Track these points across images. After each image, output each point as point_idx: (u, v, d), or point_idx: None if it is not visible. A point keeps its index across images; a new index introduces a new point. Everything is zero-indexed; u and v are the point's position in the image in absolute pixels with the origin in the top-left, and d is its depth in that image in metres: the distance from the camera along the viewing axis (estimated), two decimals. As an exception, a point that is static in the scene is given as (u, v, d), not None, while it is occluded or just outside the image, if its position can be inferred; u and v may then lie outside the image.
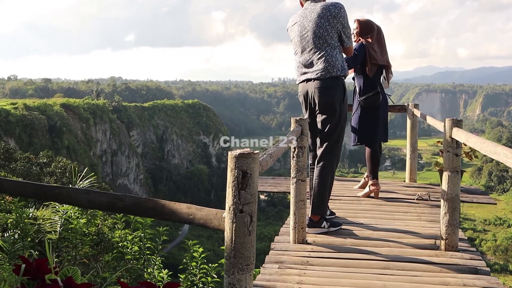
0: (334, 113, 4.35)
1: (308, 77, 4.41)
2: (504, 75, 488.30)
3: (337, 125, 4.37)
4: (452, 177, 3.75)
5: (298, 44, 4.48)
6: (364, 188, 5.89)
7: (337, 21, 4.31)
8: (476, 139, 2.95)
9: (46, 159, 24.91)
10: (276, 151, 2.70)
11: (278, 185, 6.27)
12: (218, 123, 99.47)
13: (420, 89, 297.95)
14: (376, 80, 5.55)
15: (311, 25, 4.34)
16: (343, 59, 4.44)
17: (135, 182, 72.02)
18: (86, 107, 65.34)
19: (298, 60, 4.52)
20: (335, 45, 4.35)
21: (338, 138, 4.43)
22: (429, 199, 5.48)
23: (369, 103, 5.52)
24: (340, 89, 4.37)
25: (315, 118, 4.48)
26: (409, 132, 6.87)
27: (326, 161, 4.37)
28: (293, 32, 4.55)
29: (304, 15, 4.44)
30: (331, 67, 4.30)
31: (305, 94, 4.49)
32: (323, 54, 4.31)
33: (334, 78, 4.32)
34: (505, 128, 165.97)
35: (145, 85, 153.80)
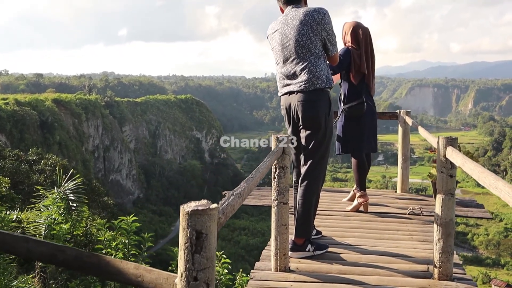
0: (319, 129, 4.03)
1: (290, 90, 4.08)
2: (496, 70, 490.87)
3: (322, 141, 4.06)
4: (446, 200, 3.46)
5: (279, 53, 4.13)
6: (353, 200, 5.65)
7: (321, 28, 3.97)
8: (473, 165, 2.66)
9: (35, 157, 24.58)
10: (252, 183, 2.42)
11: (263, 198, 5.89)
12: (211, 119, 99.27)
13: (413, 84, 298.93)
14: (362, 88, 5.28)
15: (293, 33, 4.00)
16: (328, 69, 4.10)
17: (128, 178, 71.72)
18: (78, 103, 64.94)
19: (280, 71, 4.17)
20: (319, 54, 4.02)
21: (324, 155, 4.11)
22: (422, 214, 5.24)
23: (353, 112, 5.28)
24: (325, 102, 4.04)
25: (298, 133, 4.16)
26: (401, 140, 6.55)
27: (311, 180, 4.04)
28: (274, 41, 4.19)
29: (285, 21, 4.09)
30: (316, 79, 3.97)
31: (288, 108, 4.15)
32: (307, 65, 3.98)
33: (318, 91, 3.99)
34: (497, 122, 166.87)
35: (138, 80, 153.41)
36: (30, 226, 4.93)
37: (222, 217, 1.72)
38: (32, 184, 17.97)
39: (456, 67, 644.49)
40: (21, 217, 5.19)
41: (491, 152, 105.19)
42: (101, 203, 22.32)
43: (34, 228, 4.90)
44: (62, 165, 22.46)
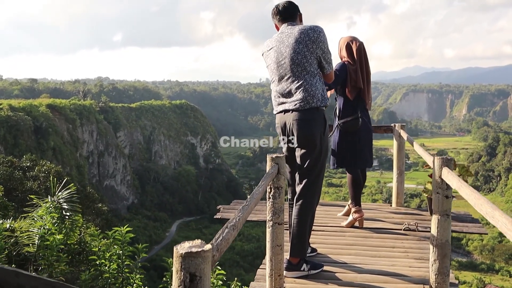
0: (314, 147, 4.01)
1: (286, 108, 4.06)
2: (490, 76, 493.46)
3: (317, 160, 4.04)
4: (442, 221, 3.43)
5: (275, 71, 4.12)
6: (348, 215, 5.62)
7: (316, 46, 3.96)
8: (469, 191, 2.63)
9: (29, 163, 24.42)
10: (248, 210, 2.38)
11: (258, 212, 5.83)
12: (205, 124, 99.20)
13: (407, 89, 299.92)
14: (357, 103, 5.27)
15: (289, 51, 3.99)
16: (323, 87, 4.09)
17: (122, 183, 71.52)
18: (73, 108, 64.77)
19: (275, 89, 4.15)
20: (314, 73, 4.01)
21: (319, 174, 4.09)
22: (417, 230, 5.21)
23: (348, 127, 5.26)
24: (321, 121, 4.02)
25: (293, 152, 4.14)
26: (396, 154, 6.51)
27: (306, 199, 4.02)
28: (269, 58, 4.18)
29: (280, 39, 4.08)
30: (311, 97, 3.95)
31: (283, 126, 4.13)
32: (302, 83, 3.97)
33: (314, 109, 3.98)
34: (491, 128, 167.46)
35: (133, 85, 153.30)
36: (23, 236, 4.90)
37: (217, 254, 1.69)
38: (26, 191, 17.85)
39: (450, 73, 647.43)
40: (15, 226, 5.16)
41: (485, 158, 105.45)
42: (95, 209, 22.20)
43: (27, 238, 4.87)
44: (56, 172, 22.37)
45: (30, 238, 4.82)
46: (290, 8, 4.19)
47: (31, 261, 4.72)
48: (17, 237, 4.87)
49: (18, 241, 4.82)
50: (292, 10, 4.19)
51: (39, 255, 4.73)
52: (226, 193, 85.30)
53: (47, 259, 4.71)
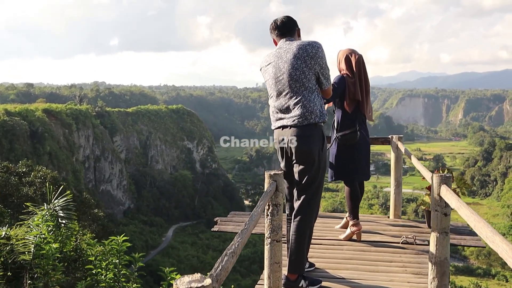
0: (312, 164, 4.00)
1: (284, 124, 4.05)
2: (485, 81, 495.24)
3: (315, 176, 4.02)
4: (441, 239, 3.40)
5: (273, 87, 4.11)
6: (346, 227, 5.60)
7: (314, 62, 3.95)
8: (468, 212, 2.61)
9: (25, 168, 24.28)
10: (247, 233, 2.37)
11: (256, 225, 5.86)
12: (202, 129, 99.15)
13: (403, 94, 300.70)
14: (355, 116, 5.26)
15: (287, 66, 3.97)
16: (321, 103, 4.08)
17: (119, 188, 71.37)
18: (69, 113, 64.68)
19: (273, 104, 4.14)
20: (313, 89, 4.00)
21: (317, 190, 4.07)
22: (415, 243, 5.20)
23: (346, 140, 5.25)
24: (319, 137, 4.02)
25: (292, 167, 4.12)
26: (393, 166, 6.44)
27: (304, 216, 4.00)
28: (267, 74, 4.16)
29: (278, 55, 4.07)
30: (309, 113, 3.95)
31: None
32: (300, 99, 3.96)
33: (312, 125, 3.97)
34: (487, 132, 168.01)
35: (129, 90, 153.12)
36: (19, 243, 4.89)
37: (216, 286, 1.68)
38: (22, 197, 17.77)
39: (446, 78, 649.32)
40: (10, 233, 5.14)
41: (481, 162, 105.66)
42: (91, 215, 22.10)
43: (23, 246, 4.85)
44: (52, 177, 22.25)
45: (26, 246, 4.81)
46: (288, 23, 4.18)
47: (27, 269, 4.70)
48: (12, 245, 4.85)
49: (13, 249, 4.81)
50: (290, 25, 4.18)
51: (35, 264, 4.71)
52: (223, 198, 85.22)
53: (43, 268, 4.68)
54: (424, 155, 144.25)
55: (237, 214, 6.52)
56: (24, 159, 28.85)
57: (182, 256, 59.52)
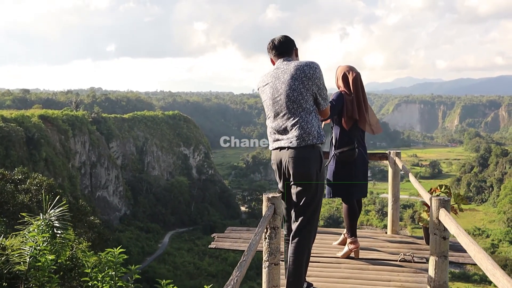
0: (310, 185, 3.99)
1: (281, 145, 4.05)
2: (481, 87, 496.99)
3: (313, 197, 4.01)
4: (440, 263, 3.37)
5: (270, 108, 4.11)
6: (343, 244, 5.57)
7: (312, 83, 3.96)
8: (467, 240, 2.58)
9: (21, 176, 24.17)
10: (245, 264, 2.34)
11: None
12: (198, 135, 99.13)
13: (399, 100, 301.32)
14: (354, 133, 5.27)
15: (284, 87, 3.98)
16: (319, 124, 4.08)
17: (115, 194, 71.26)
18: (65, 119, 64.63)
19: (271, 125, 4.16)
20: (310, 110, 4.01)
21: (315, 212, 4.06)
22: (413, 261, 5.18)
23: (344, 157, 5.25)
24: (317, 159, 4.01)
25: (289, 188, 4.11)
26: (391, 181, 6.39)
27: (302, 237, 3.99)
28: (264, 94, 4.17)
29: (276, 75, 4.07)
30: (307, 135, 3.95)
31: (279, 163, 4.12)
32: (298, 120, 3.97)
33: (309, 147, 3.98)
34: (483, 138, 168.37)
35: (125, 96, 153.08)
36: (14, 254, 4.86)
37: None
38: (18, 204, 17.69)
39: (442, 84, 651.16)
40: (6, 243, 5.11)
41: (477, 168, 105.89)
42: (87, 222, 22.01)
43: (18, 256, 4.82)
44: (48, 185, 22.17)
45: (21, 256, 4.78)
46: (286, 43, 4.18)
47: (22, 280, 4.66)
48: (8, 255, 4.82)
49: (9, 259, 4.78)
50: (288, 45, 4.19)
51: (31, 275, 4.69)
52: (219, 204, 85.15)
53: (38, 279, 4.66)
54: (421, 161, 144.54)
55: (234, 230, 6.45)
56: (20, 166, 28.77)
57: (178, 262, 59.39)
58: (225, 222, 77.59)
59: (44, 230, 5.26)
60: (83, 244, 8.35)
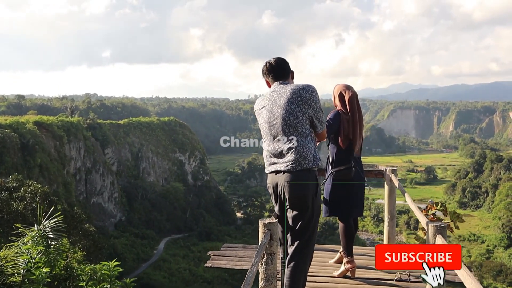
0: (306, 210, 4.01)
1: (277, 169, 4.05)
2: (476, 93, 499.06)
3: (309, 222, 4.03)
4: None
5: (266, 131, 4.12)
6: (340, 262, 5.56)
7: (308, 106, 3.98)
8: (465, 272, 2.58)
9: (15, 183, 24.07)
10: None
11: (249, 260, 5.67)
12: (194, 141, 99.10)
13: (394, 106, 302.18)
14: (350, 152, 5.27)
15: (280, 111, 4.00)
16: (315, 147, 4.09)
17: (110, 201, 71.03)
18: (60, 125, 64.41)
19: (267, 148, 4.15)
20: (306, 133, 4.02)
21: (311, 236, 4.06)
22: (409, 280, 5.15)
23: (341, 176, 5.24)
24: (313, 183, 4.02)
25: (285, 212, 4.12)
26: (387, 198, 6.39)
27: (298, 261, 3.99)
28: (261, 117, 4.17)
29: (272, 98, 4.08)
30: (303, 159, 3.96)
31: (275, 187, 4.11)
32: (294, 144, 3.98)
33: (306, 171, 3.98)
34: (478, 144, 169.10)
35: (121, 102, 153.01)
36: (8, 265, 4.83)
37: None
38: (12, 212, 17.61)
39: (437, 90, 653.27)
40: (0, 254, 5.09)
41: (472, 174, 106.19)
42: (82, 230, 21.92)
43: (13, 267, 4.80)
44: (43, 192, 22.09)
45: (15, 267, 4.75)
46: (283, 66, 4.19)
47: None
48: (1, 266, 4.81)
49: (3, 270, 4.77)
50: (285, 68, 4.20)
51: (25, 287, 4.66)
52: (215, 210, 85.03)
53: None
54: (416, 166, 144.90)
55: (230, 247, 6.38)
56: (14, 172, 28.70)
57: (173, 269, 59.22)
58: (220, 228, 77.51)
59: (39, 241, 5.23)
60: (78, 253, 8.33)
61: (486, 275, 62.08)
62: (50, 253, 5.27)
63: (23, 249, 5.11)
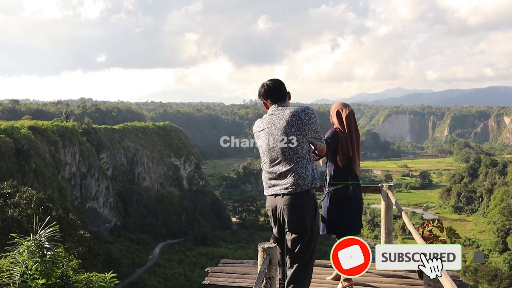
0: (304, 233, 4.02)
1: (277, 192, 4.06)
2: (471, 98, 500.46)
3: (308, 244, 4.04)
4: None
5: (266, 154, 4.13)
6: (337, 279, 5.52)
7: (308, 128, 4.01)
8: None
9: (10, 189, 23.94)
10: None
11: (246, 276, 5.62)
12: (189, 145, 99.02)
13: (389, 111, 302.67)
14: (348, 170, 5.28)
15: (280, 134, 4.02)
16: (313, 167, 4.12)
17: (105, 206, 70.83)
18: (55, 130, 64.24)
19: (267, 170, 4.16)
20: (305, 155, 4.05)
21: (310, 259, 4.08)
22: None
23: (338, 194, 5.25)
24: (311, 205, 4.04)
25: (284, 234, 4.13)
26: (383, 215, 6.41)
27: (297, 284, 4.00)
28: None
29: (271, 121, 4.10)
30: (302, 180, 3.98)
31: (274, 210, 4.13)
32: (293, 167, 4.00)
33: (305, 193, 3.99)
34: (472, 149, 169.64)
35: (116, 106, 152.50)
36: (4, 275, 4.81)
37: None
38: (7, 219, 17.52)
39: (431, 95, 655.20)
40: (-5, 264, 5.06)
41: (467, 179, 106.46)
42: (77, 237, 21.82)
43: (8, 277, 4.78)
44: (37, 198, 22.00)
45: (11, 277, 4.73)
46: (279, 89, 4.22)
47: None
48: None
49: (-2, 281, 4.75)
50: (281, 90, 4.23)
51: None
52: (210, 215, 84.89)
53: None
54: (411, 171, 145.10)
55: (228, 263, 6.33)
56: (9, 178, 28.60)
57: (169, 274, 59.01)
58: (216, 233, 77.36)
59: (35, 251, 5.20)
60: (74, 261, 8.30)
61: (481, 279, 62.20)
62: (46, 263, 5.24)
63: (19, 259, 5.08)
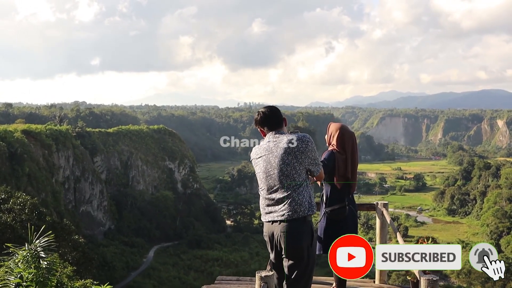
0: (302, 259, 4.09)
1: (274, 219, 4.13)
2: (464, 101, 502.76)
3: (305, 270, 4.11)
4: None
5: (263, 181, 4.19)
6: None
7: (305, 156, 4.08)
8: None
9: (4, 195, 23.83)
10: None
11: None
12: (183, 149, 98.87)
13: (384, 114, 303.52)
14: (344, 191, 5.31)
15: (278, 161, 4.08)
16: (310, 194, 4.16)
17: (99, 209, 70.64)
18: (49, 133, 64.00)
19: (264, 197, 4.23)
20: (302, 182, 4.11)
21: (306, 284, 4.14)
22: None
23: (335, 215, 5.29)
24: (308, 232, 4.11)
25: (281, 260, 4.19)
26: (379, 232, 6.42)
27: None
28: (258, 167, 4.25)
29: (269, 148, 4.17)
30: (298, 206, 4.05)
31: (271, 236, 4.19)
32: (290, 194, 4.07)
33: (301, 220, 4.07)
34: (466, 152, 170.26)
35: (110, 110, 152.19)
36: (-2, 285, 4.80)
37: None
38: (1, 224, 17.44)
39: (425, 98, 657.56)
40: (-11, 274, 5.05)
41: (460, 181, 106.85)
42: (72, 242, 21.74)
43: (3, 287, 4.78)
44: (31, 204, 21.91)
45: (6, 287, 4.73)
46: (275, 116, 4.28)
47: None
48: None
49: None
50: (278, 118, 4.28)
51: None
52: (205, 218, 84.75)
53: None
54: (405, 174, 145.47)
55: (224, 280, 6.29)
56: (2, 182, 28.47)
57: (163, 277, 58.91)
58: (210, 236, 77.22)
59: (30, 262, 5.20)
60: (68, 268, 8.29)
61: (475, 281, 62.39)
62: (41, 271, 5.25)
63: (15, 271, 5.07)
